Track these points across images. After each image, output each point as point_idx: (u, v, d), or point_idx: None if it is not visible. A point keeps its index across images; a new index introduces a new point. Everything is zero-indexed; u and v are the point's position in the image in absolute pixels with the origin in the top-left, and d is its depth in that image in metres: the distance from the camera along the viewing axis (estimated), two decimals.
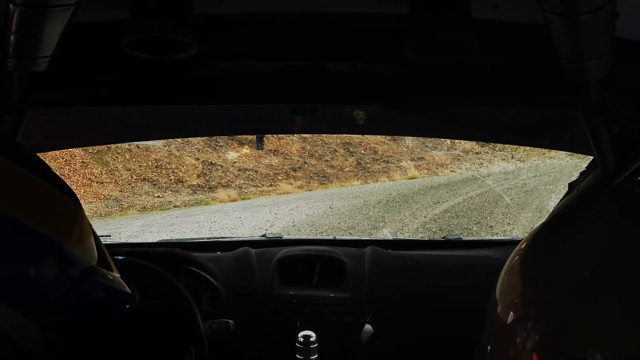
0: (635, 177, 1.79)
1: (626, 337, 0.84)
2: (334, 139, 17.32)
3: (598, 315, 0.89)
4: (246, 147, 16.52)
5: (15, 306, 0.96)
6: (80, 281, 1.08)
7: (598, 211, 1.23)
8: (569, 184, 2.32)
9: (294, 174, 16.30)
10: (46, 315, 1.03)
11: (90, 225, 1.16)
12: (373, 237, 8.33)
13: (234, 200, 14.59)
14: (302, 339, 1.99)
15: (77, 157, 14.52)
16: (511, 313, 1.03)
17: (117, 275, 1.26)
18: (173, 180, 15.31)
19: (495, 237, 9.29)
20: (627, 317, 0.86)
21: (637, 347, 0.82)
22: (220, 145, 16.63)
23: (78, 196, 1.12)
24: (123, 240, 3.94)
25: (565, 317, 0.92)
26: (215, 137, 15.51)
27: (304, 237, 3.90)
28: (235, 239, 3.13)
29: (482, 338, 1.14)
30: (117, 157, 15.34)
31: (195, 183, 15.40)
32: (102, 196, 14.04)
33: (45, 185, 1.05)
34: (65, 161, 14.31)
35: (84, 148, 13.83)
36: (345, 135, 15.02)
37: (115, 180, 14.74)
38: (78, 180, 14.04)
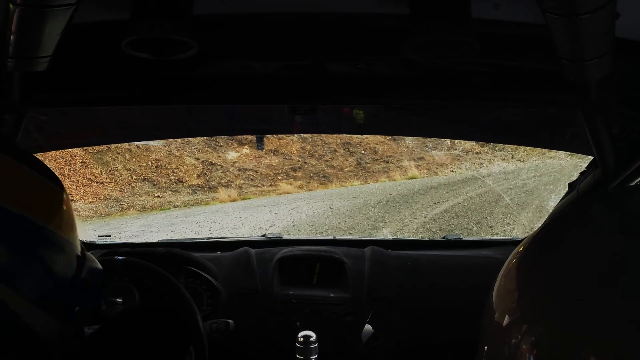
0: (635, 177, 1.79)
1: (624, 340, 0.84)
2: (334, 139, 17.30)
3: (595, 318, 0.88)
4: (246, 147, 16.51)
5: (28, 295, 0.96)
6: (79, 268, 1.08)
7: (596, 213, 1.22)
8: (569, 184, 2.32)
9: (294, 174, 16.29)
10: (57, 306, 1.03)
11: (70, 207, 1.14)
12: (373, 237, 8.33)
13: (234, 200, 14.58)
14: (302, 339, 1.99)
15: (77, 157, 14.50)
16: (507, 316, 1.02)
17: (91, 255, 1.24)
18: (173, 180, 15.30)
19: (495, 237, 9.28)
20: (626, 319, 0.85)
21: (635, 349, 0.82)
22: (220, 145, 16.63)
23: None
24: (123, 240, 3.93)
25: (561, 320, 0.91)
26: (215, 137, 15.51)
27: (304, 237, 3.91)
28: (235, 239, 3.14)
29: (479, 341, 1.13)
30: (117, 157, 15.33)
31: (195, 183, 15.39)
32: (102, 196, 14.02)
33: (34, 174, 1.03)
34: (65, 161, 14.29)
35: (84, 148, 13.82)
36: (345, 135, 15.01)
37: (115, 180, 14.73)
38: (78, 180, 14.02)
